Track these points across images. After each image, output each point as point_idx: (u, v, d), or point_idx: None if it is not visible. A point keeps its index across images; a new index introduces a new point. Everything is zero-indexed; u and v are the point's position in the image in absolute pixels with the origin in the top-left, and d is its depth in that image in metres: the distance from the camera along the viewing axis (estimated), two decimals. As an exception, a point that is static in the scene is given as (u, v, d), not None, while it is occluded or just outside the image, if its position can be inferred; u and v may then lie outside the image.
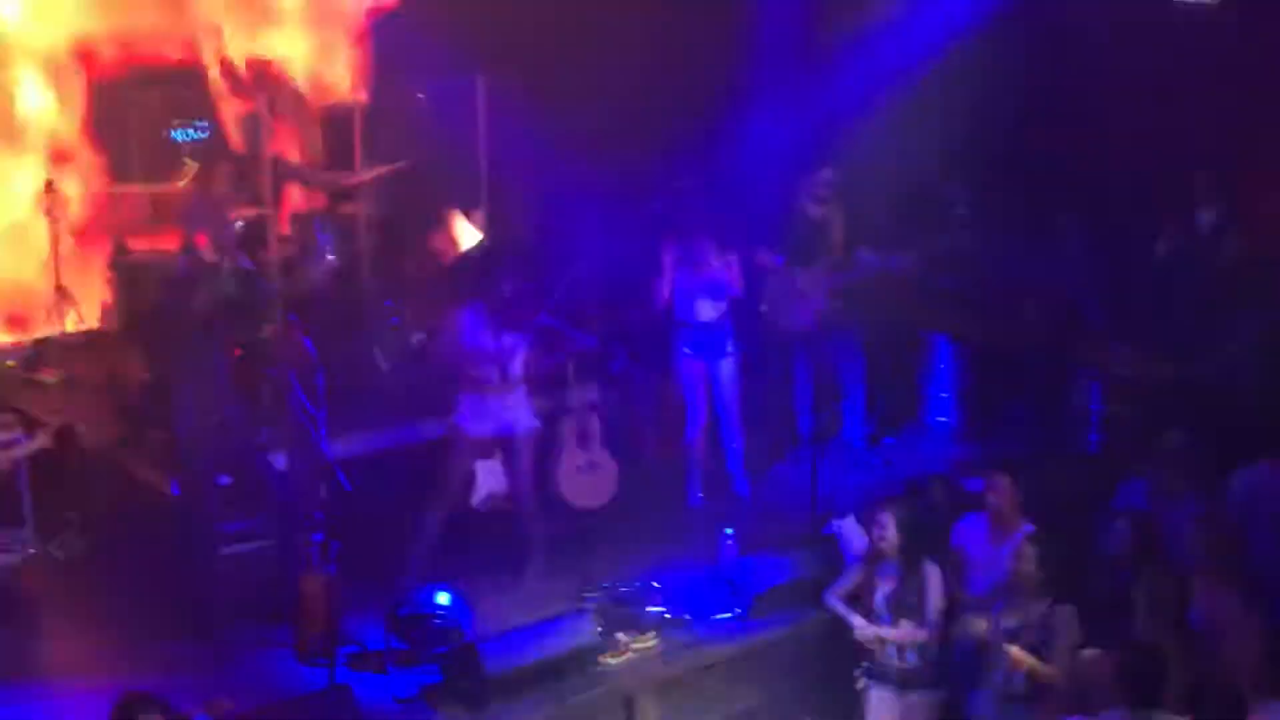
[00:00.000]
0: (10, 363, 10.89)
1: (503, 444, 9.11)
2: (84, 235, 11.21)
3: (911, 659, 7.93)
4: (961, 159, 11.44)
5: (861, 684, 8.07)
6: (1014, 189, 11.49)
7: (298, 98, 11.56)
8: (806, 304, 10.42)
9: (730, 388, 10.12)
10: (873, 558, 8.07)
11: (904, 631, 7.91)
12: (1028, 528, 8.04)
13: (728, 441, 10.26)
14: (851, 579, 8.15)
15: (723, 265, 9.89)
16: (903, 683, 7.96)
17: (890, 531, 7.93)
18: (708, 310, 9.98)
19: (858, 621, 8.00)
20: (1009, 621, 7.61)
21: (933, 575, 7.92)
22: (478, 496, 9.64)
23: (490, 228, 11.88)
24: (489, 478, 9.48)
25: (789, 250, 10.40)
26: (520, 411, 8.98)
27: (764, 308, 10.48)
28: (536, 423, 9.06)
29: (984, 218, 11.36)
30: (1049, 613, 7.50)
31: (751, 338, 10.38)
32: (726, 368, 10.10)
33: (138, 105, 11.75)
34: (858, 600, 8.06)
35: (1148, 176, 10.86)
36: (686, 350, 10.07)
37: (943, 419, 11.40)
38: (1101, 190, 11.10)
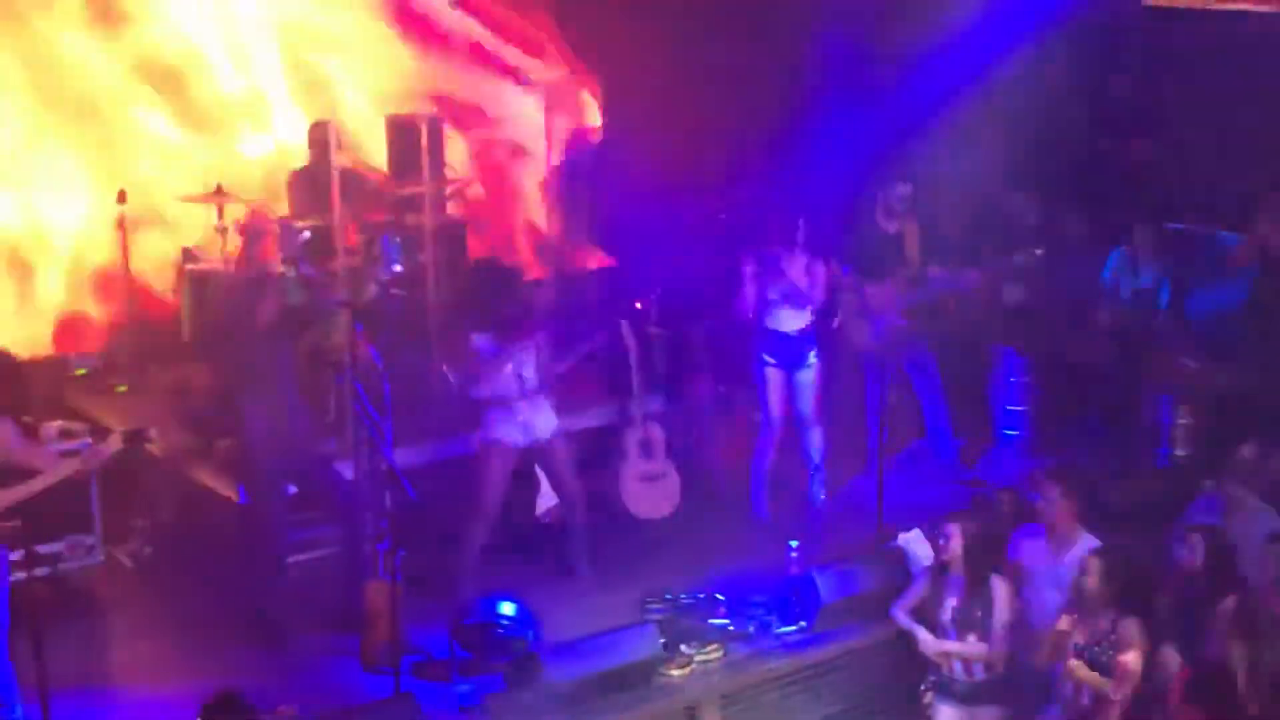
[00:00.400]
0: (80, 371, 11.01)
1: (536, 451, 9.13)
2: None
3: (979, 674, 7.85)
4: (1030, 171, 11.35)
5: (928, 699, 8.01)
6: (1083, 201, 11.39)
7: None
8: (880, 319, 10.34)
9: (810, 398, 10.05)
10: (939, 571, 8.00)
11: (970, 646, 7.83)
12: (1094, 542, 7.94)
13: (808, 449, 10.19)
14: (918, 593, 8.08)
15: (806, 274, 9.84)
16: (969, 698, 7.88)
17: (955, 544, 7.85)
18: (790, 320, 9.91)
19: (924, 635, 7.94)
20: (1075, 637, 7.52)
21: (1000, 590, 7.84)
22: (541, 507, 9.65)
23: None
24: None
25: (861, 265, 10.33)
26: (545, 416, 9.01)
27: (836, 322, 10.41)
28: (558, 424, 9.11)
29: (1053, 230, 11.26)
30: (1112, 627, 7.40)
31: (826, 351, 10.31)
32: (807, 377, 10.03)
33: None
34: (924, 614, 7.99)
35: (1220, 188, 10.74)
36: (767, 359, 10.00)
37: (1013, 432, 11.30)
38: (1172, 202, 10.98)
